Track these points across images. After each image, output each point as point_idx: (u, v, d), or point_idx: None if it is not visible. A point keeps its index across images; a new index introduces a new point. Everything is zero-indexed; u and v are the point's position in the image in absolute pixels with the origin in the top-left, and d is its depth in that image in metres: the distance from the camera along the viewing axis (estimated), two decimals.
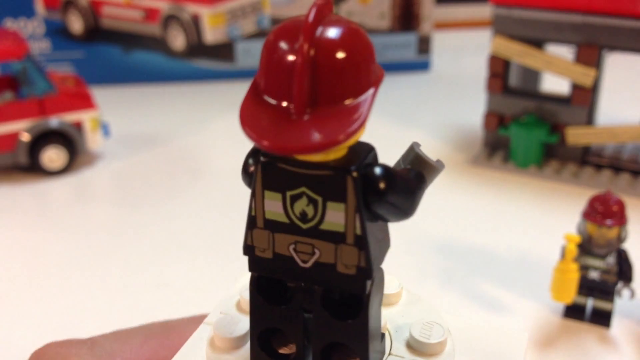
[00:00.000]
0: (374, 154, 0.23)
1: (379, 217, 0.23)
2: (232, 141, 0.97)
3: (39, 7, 1.16)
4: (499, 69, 0.84)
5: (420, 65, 1.26)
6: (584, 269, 0.55)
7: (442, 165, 0.25)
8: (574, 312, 0.57)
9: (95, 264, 0.68)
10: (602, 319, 0.56)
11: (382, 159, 0.23)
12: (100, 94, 1.02)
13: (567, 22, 0.78)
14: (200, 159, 0.93)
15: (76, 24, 1.19)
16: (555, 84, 0.92)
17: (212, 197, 0.81)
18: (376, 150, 0.23)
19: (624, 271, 0.54)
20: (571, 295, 0.54)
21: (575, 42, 0.79)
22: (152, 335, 0.32)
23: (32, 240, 0.73)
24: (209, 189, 0.84)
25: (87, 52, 1.20)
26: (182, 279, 0.65)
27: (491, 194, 0.80)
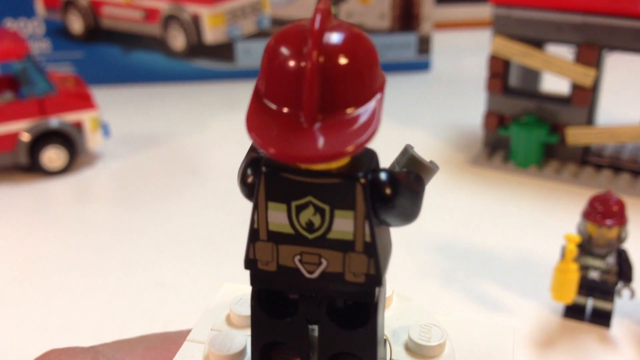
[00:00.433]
0: (376, 159, 0.23)
1: (384, 223, 0.22)
2: (232, 141, 0.97)
3: (39, 7, 1.16)
4: (499, 69, 0.84)
5: (420, 65, 1.26)
6: (584, 269, 0.55)
7: (436, 166, 0.24)
8: (574, 312, 0.57)
9: (95, 264, 0.68)
10: (602, 319, 0.56)
11: (382, 160, 0.23)
12: (100, 94, 1.02)
13: (567, 22, 0.78)
14: (200, 159, 0.93)
15: (76, 24, 1.19)
16: (555, 84, 0.91)
17: (212, 197, 0.81)
18: (377, 154, 0.23)
19: (624, 271, 0.54)
20: (571, 295, 0.54)
21: (575, 42, 0.79)
22: (152, 346, 0.32)
23: (32, 240, 0.73)
24: (208, 189, 0.84)
25: (87, 52, 1.20)
26: (182, 278, 0.65)
27: (491, 194, 0.80)
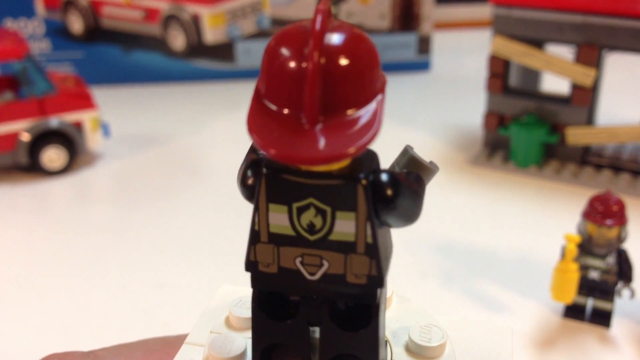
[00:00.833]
0: (377, 160, 0.22)
1: (385, 224, 0.22)
2: (232, 141, 0.97)
3: (39, 7, 1.16)
4: (499, 69, 0.84)
5: (420, 65, 1.26)
6: (584, 269, 0.55)
7: (436, 167, 0.24)
8: (574, 312, 0.57)
9: (95, 263, 0.68)
10: (602, 319, 0.56)
11: (382, 160, 0.23)
12: (100, 94, 1.02)
13: (567, 22, 0.78)
14: (200, 159, 0.93)
15: (76, 24, 1.19)
16: (555, 84, 0.91)
17: (211, 197, 0.81)
18: (377, 154, 0.23)
19: (624, 271, 0.54)
20: (571, 295, 0.54)
21: (575, 42, 0.79)
22: (152, 350, 0.32)
23: (32, 240, 0.73)
24: (208, 188, 0.84)
25: (87, 52, 1.20)
26: (182, 278, 0.65)
27: (491, 194, 0.80)
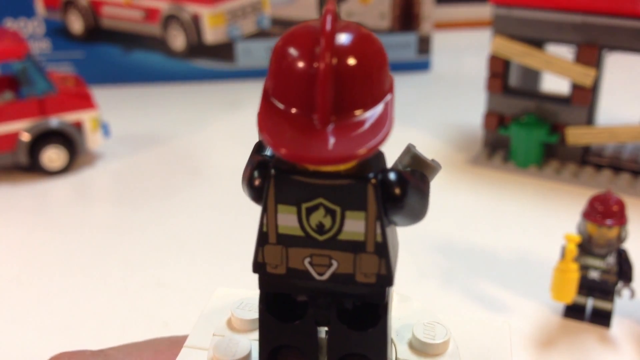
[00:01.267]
0: (384, 159, 0.23)
1: (392, 222, 0.22)
2: (232, 141, 0.97)
3: (39, 7, 1.16)
4: (499, 69, 0.84)
5: (420, 65, 1.26)
6: (584, 269, 0.55)
7: (439, 165, 0.24)
8: (574, 312, 0.57)
9: (95, 263, 0.68)
10: (602, 319, 0.56)
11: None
12: (100, 94, 1.02)
13: (567, 22, 0.78)
14: (200, 159, 0.93)
15: (76, 24, 1.19)
16: (555, 84, 0.91)
17: (212, 197, 0.81)
18: (384, 154, 0.23)
19: (624, 271, 0.54)
20: (571, 295, 0.54)
21: (575, 42, 0.79)
22: (161, 350, 0.32)
23: (32, 240, 0.73)
24: (208, 188, 0.84)
25: (87, 52, 1.20)
26: (182, 278, 0.65)
27: (491, 194, 0.80)
